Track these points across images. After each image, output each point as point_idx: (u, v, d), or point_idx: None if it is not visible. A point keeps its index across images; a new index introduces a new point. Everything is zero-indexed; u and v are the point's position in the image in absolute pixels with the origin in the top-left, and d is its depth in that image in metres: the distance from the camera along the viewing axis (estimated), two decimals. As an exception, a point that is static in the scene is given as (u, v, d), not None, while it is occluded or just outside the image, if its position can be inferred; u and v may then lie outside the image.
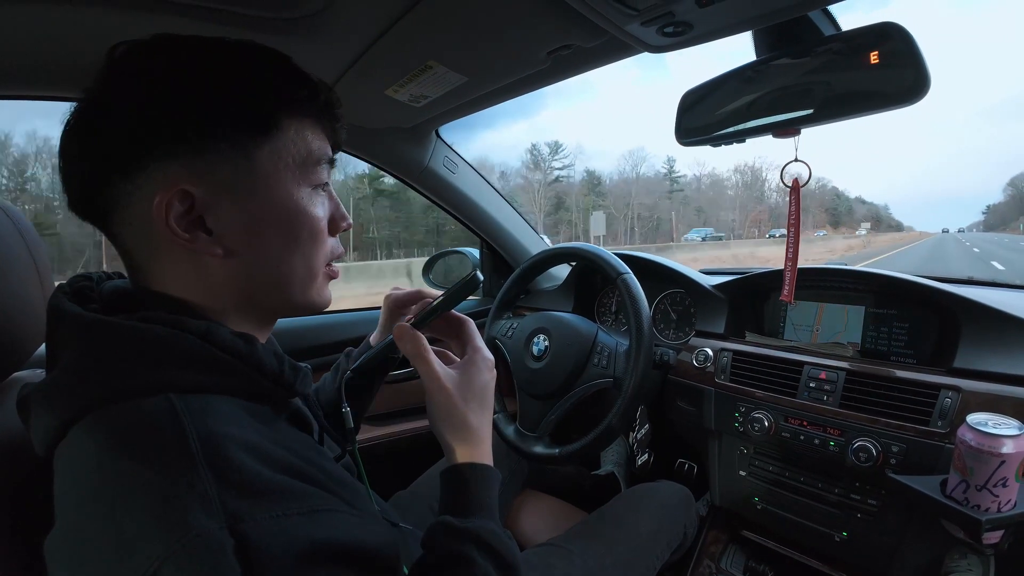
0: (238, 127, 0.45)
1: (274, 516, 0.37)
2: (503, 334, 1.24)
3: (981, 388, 0.83)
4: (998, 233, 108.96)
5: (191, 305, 0.47)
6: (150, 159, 0.43)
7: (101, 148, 0.44)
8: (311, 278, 0.52)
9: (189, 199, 0.44)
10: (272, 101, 0.47)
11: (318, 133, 0.51)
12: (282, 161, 0.47)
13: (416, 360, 0.57)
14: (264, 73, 0.47)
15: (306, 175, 0.49)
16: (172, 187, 0.43)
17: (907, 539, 0.89)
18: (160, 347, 0.42)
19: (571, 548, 0.90)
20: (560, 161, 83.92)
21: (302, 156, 0.49)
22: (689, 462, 1.35)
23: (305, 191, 0.49)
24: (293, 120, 0.48)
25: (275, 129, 0.47)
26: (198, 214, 0.45)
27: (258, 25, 0.76)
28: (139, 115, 0.43)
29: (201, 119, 0.44)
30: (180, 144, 0.43)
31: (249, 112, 0.46)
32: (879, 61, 0.66)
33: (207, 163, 0.44)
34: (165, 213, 0.43)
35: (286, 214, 0.48)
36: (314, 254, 0.51)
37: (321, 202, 0.52)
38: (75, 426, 0.41)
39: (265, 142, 0.46)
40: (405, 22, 0.77)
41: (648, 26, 0.68)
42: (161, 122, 0.43)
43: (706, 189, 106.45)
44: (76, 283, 0.49)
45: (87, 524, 0.36)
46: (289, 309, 0.53)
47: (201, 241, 0.45)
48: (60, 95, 0.92)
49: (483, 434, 0.58)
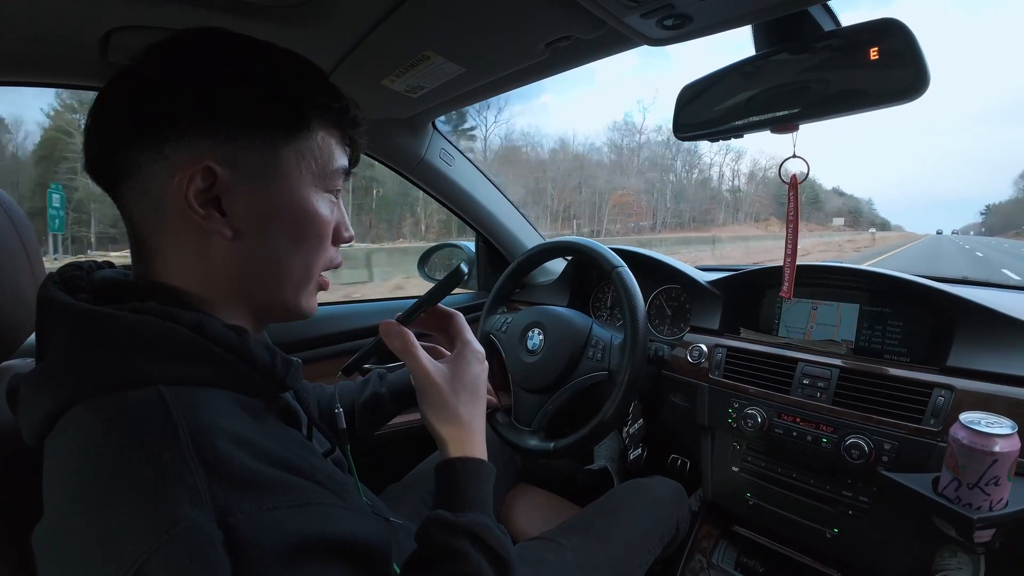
0: (273, 122, 0.47)
1: (264, 509, 0.37)
2: (498, 328, 1.24)
3: (974, 387, 0.83)
4: (1007, 239, 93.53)
5: (185, 293, 0.47)
6: (185, 132, 0.44)
7: (140, 110, 0.45)
8: (306, 280, 0.52)
9: (211, 178, 0.45)
10: (307, 105, 0.49)
11: (341, 145, 0.53)
12: (305, 162, 0.49)
13: (404, 356, 0.57)
14: (304, 79, 0.50)
15: (323, 180, 0.51)
16: (199, 163, 0.44)
17: (898, 536, 0.89)
18: (151, 338, 0.42)
19: (564, 542, 0.90)
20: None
21: (324, 161, 0.50)
22: (682, 458, 1.35)
23: (320, 195, 0.51)
24: (322, 127, 0.50)
25: (305, 131, 0.49)
26: (216, 194, 0.45)
27: (253, 12, 0.75)
28: (186, 88, 0.44)
29: (241, 107, 0.46)
30: (217, 125, 0.45)
31: (286, 110, 0.48)
32: (879, 58, 0.66)
33: (237, 148, 0.45)
34: (187, 186, 0.44)
35: (298, 211, 0.49)
36: (315, 257, 0.52)
37: (331, 209, 0.53)
38: (64, 416, 0.40)
39: (293, 141, 0.48)
40: (403, 11, 0.76)
41: (648, 18, 0.68)
42: (205, 100, 0.45)
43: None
44: (66, 272, 0.49)
45: (75, 515, 0.36)
46: (278, 309, 0.53)
47: (214, 220, 0.46)
48: (51, 81, 0.91)
49: (475, 426, 0.58)
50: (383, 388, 0.93)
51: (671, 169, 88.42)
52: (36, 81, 0.91)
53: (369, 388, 0.93)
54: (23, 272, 0.59)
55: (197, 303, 0.47)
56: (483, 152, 70.21)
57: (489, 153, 73.05)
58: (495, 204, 1.57)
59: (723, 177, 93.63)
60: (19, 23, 0.74)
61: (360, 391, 0.92)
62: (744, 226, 61.74)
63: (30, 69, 0.87)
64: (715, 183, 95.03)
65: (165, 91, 0.44)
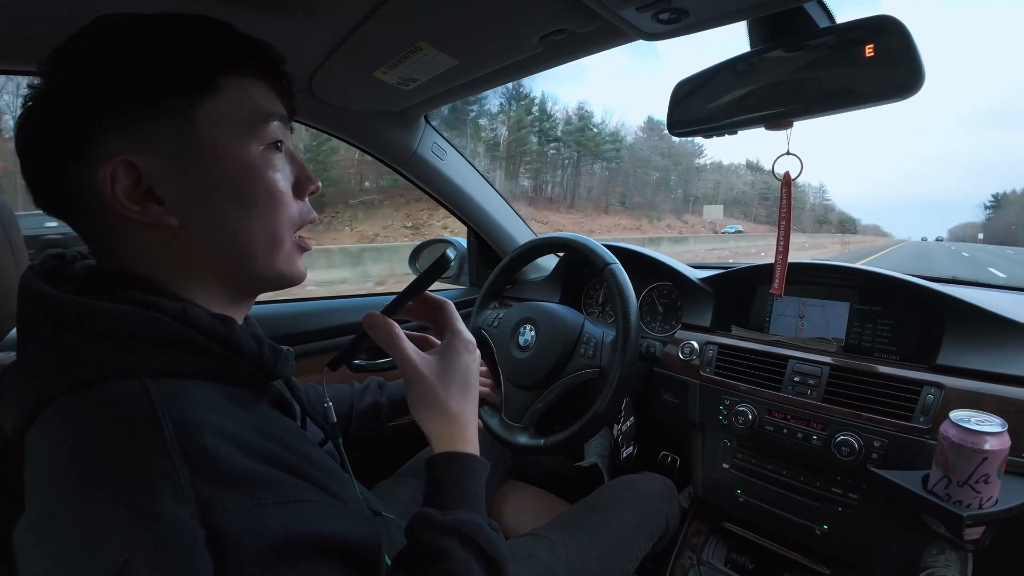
0: (170, 91, 0.45)
1: (248, 506, 0.36)
2: (489, 324, 1.23)
3: (964, 385, 0.83)
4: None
5: (161, 284, 0.46)
6: (92, 135, 0.43)
7: (49, 134, 0.44)
8: (276, 245, 0.50)
9: (135, 171, 0.43)
10: (203, 62, 0.46)
11: (265, 91, 0.50)
12: (225, 122, 0.46)
13: (389, 348, 0.55)
14: (195, 37, 0.47)
15: (254, 134, 0.48)
16: (114, 159, 0.42)
17: (887, 534, 0.90)
18: (135, 329, 0.41)
19: (554, 538, 0.90)
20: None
21: (246, 115, 0.48)
22: (672, 454, 1.35)
23: (255, 150, 0.48)
24: (231, 80, 0.47)
25: (211, 90, 0.46)
26: (147, 185, 0.44)
27: (242, 2, 0.74)
28: (75, 92, 0.43)
29: (131, 87, 0.43)
30: (117, 115, 0.43)
31: (179, 75, 0.45)
32: (874, 55, 0.66)
33: (147, 132, 0.44)
34: (112, 187, 0.42)
35: (237, 176, 0.47)
36: (275, 218, 0.49)
37: (278, 163, 0.50)
38: (46, 409, 0.40)
39: (202, 104, 0.45)
40: (395, 1, 0.75)
41: (643, 12, 0.67)
42: (95, 95, 0.43)
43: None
44: (48, 263, 0.48)
45: (56, 511, 0.35)
46: (259, 281, 0.51)
47: (153, 212, 0.44)
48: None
49: (466, 419, 0.56)
50: (383, 398, 0.93)
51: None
52: (26, 70, 0.88)
53: (368, 396, 0.93)
54: (6, 264, 0.58)
55: (176, 291, 0.47)
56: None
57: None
58: (487, 199, 1.56)
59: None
60: (6, 8, 0.72)
61: (360, 398, 0.92)
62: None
63: (18, 56, 0.85)
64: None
65: (58, 105, 0.43)
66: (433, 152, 1.40)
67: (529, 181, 57.41)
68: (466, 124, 48.13)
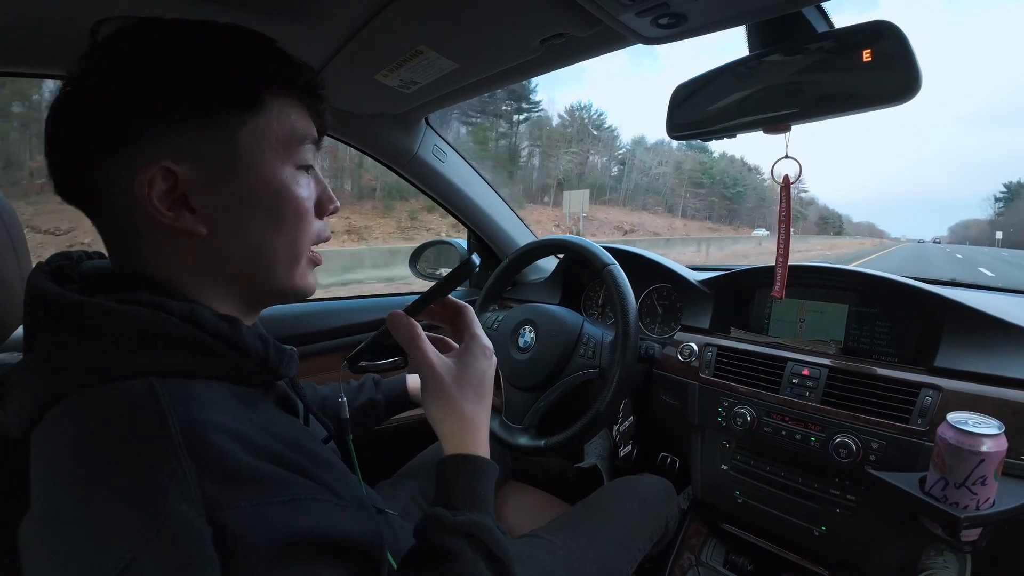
0: (219, 105, 0.45)
1: (254, 504, 0.36)
2: (489, 326, 1.24)
3: (961, 387, 0.84)
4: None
5: (174, 286, 0.47)
6: (134, 137, 0.43)
7: (88, 127, 0.44)
8: (295, 260, 0.51)
9: (172, 177, 0.43)
10: (253, 79, 0.47)
11: (302, 114, 0.51)
12: (265, 140, 0.47)
13: (410, 348, 0.56)
14: (246, 53, 0.48)
15: (290, 154, 0.49)
16: (154, 165, 0.43)
17: (885, 535, 0.90)
18: (142, 329, 0.41)
19: (553, 540, 0.90)
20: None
21: (285, 135, 0.48)
22: (672, 456, 1.36)
23: (288, 171, 0.49)
24: (276, 99, 0.48)
25: (257, 107, 0.46)
26: (181, 192, 0.44)
27: (244, 4, 0.74)
28: (123, 93, 0.43)
29: (181, 97, 0.44)
30: (162, 122, 0.43)
31: (229, 90, 0.45)
32: (871, 60, 0.66)
33: (189, 141, 0.44)
34: (148, 191, 0.43)
35: (269, 193, 0.48)
36: (298, 236, 0.51)
37: (306, 183, 0.51)
38: (52, 409, 0.40)
39: (247, 120, 0.46)
40: (396, 5, 0.75)
41: (642, 16, 0.68)
42: (144, 100, 0.43)
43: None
44: (55, 262, 0.48)
45: (62, 510, 0.35)
46: (272, 292, 0.52)
47: (185, 219, 0.45)
48: (44, 72, 0.89)
49: (479, 423, 0.57)
50: (378, 395, 0.94)
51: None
52: (26, 72, 0.89)
53: (365, 393, 0.93)
54: (9, 263, 0.58)
55: (186, 294, 0.47)
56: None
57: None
58: (487, 201, 1.57)
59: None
60: (5, 11, 0.72)
61: (355, 395, 0.93)
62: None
63: (18, 59, 0.85)
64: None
65: (102, 101, 0.43)
66: (434, 154, 1.40)
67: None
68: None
